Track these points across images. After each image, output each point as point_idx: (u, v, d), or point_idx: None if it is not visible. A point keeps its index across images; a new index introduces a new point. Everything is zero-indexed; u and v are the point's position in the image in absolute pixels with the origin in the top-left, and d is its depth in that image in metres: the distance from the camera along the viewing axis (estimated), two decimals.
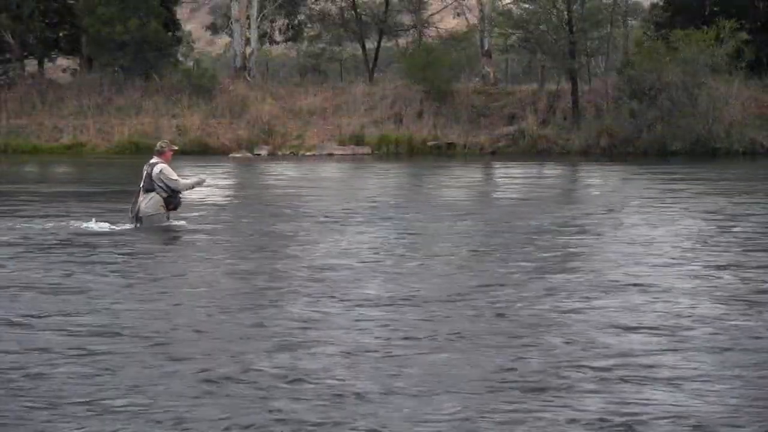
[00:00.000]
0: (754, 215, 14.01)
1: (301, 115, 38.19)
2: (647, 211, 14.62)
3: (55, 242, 11.18)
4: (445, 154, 35.12)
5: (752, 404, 5.17)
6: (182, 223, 12.77)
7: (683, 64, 33.45)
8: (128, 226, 12.42)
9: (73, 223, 12.84)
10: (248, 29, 42.34)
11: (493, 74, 41.46)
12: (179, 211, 12.85)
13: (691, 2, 38.64)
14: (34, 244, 11.05)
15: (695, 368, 5.82)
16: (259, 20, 43.06)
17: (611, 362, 5.92)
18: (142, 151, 31.80)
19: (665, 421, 4.89)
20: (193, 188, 12.94)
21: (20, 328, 6.84)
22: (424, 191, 20.24)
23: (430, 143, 35.96)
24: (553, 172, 26.68)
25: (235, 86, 40.08)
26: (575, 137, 35.15)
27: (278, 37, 48.30)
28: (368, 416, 4.94)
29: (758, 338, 6.55)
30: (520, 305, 7.59)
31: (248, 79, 41.22)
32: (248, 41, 42.40)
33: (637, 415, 4.96)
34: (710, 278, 8.79)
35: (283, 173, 25.86)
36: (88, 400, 5.21)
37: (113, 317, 7.19)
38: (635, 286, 8.37)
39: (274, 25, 47.62)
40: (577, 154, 33.93)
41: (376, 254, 10.30)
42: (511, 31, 39.27)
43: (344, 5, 46.06)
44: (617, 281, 8.62)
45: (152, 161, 12.59)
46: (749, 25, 35.24)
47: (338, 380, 5.52)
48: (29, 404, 5.14)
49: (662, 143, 33.34)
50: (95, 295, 8.03)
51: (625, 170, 25.60)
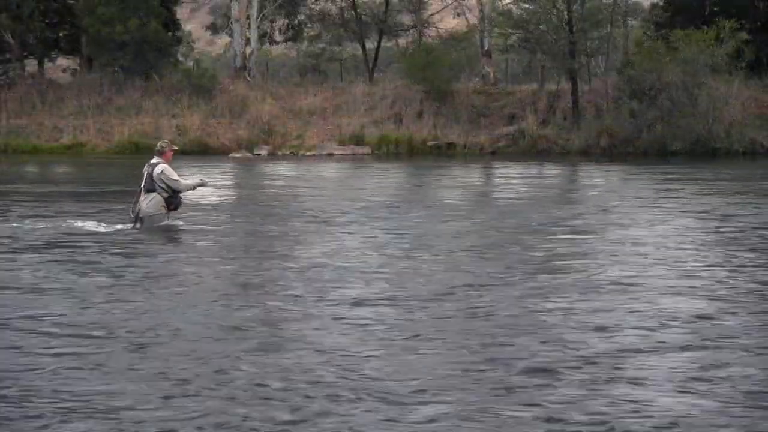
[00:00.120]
0: (745, 215, 13.95)
1: (301, 115, 38.19)
2: (640, 211, 14.57)
3: (44, 242, 11.14)
4: (445, 154, 35.10)
5: (737, 404, 5.12)
6: (179, 222, 12.77)
7: (683, 64, 33.44)
8: (121, 226, 12.42)
9: (67, 223, 12.82)
10: (248, 29, 42.35)
11: (493, 74, 41.47)
12: (179, 211, 12.86)
13: (691, 2, 38.64)
14: (24, 243, 11.02)
15: (678, 368, 5.77)
16: (259, 20, 43.07)
17: (591, 362, 5.87)
18: (142, 151, 31.81)
19: (648, 420, 4.84)
20: (194, 189, 12.94)
21: None
22: (421, 191, 20.21)
23: (430, 143, 35.96)
24: (552, 172, 26.63)
25: (235, 86, 40.09)
26: (575, 137, 35.14)
27: (278, 37, 48.33)
28: (342, 417, 4.91)
29: (745, 337, 6.50)
30: (502, 305, 7.54)
31: (248, 79, 41.23)
32: (248, 41, 42.41)
33: (618, 416, 4.92)
34: (695, 278, 8.74)
35: (282, 173, 25.84)
36: (60, 399, 5.19)
37: (93, 317, 7.16)
38: (619, 285, 8.33)
39: (274, 25, 47.64)
40: (577, 154, 33.89)
41: (365, 254, 10.27)
42: (511, 31, 39.26)
43: (344, 5, 46.07)
44: (602, 281, 8.57)
45: (153, 161, 12.59)
46: (749, 25, 35.22)
47: (312, 381, 5.50)
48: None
49: (662, 143, 33.33)
50: (76, 294, 8.00)
51: (624, 170, 25.56)
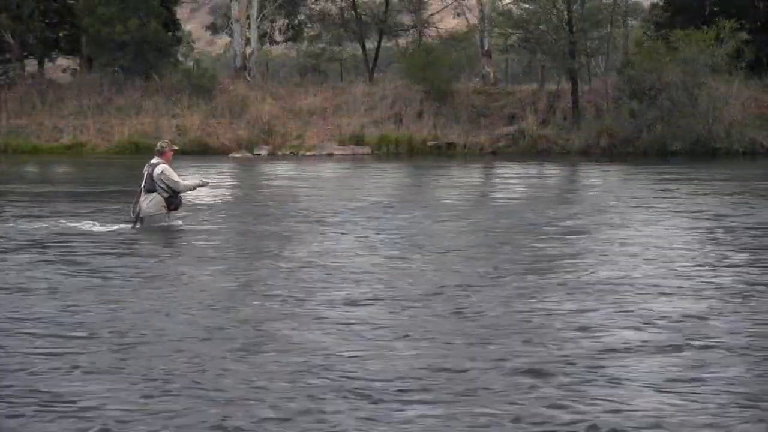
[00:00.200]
0: (738, 215, 13.91)
1: (301, 115, 38.20)
2: (635, 211, 14.53)
3: (35, 242, 11.12)
4: (445, 154, 35.10)
5: (721, 404, 5.06)
6: (179, 223, 12.76)
7: (683, 64, 33.44)
8: (116, 226, 12.43)
9: (60, 222, 12.82)
10: (248, 29, 42.35)
11: (493, 74, 41.47)
12: (178, 211, 12.85)
13: (691, 2, 38.64)
14: (15, 243, 11.00)
15: (662, 368, 5.69)
16: (259, 20, 43.08)
17: (574, 363, 5.83)
18: (142, 151, 31.82)
19: (631, 420, 4.80)
20: (194, 189, 12.95)
21: None
22: (418, 191, 20.19)
23: (430, 143, 35.97)
24: (551, 172, 26.62)
25: (235, 86, 40.10)
26: (575, 137, 35.14)
27: (278, 37, 48.35)
28: (324, 416, 4.88)
29: (729, 337, 6.44)
30: (488, 305, 7.49)
31: (248, 79, 41.23)
32: (248, 41, 42.42)
33: (601, 416, 4.88)
34: (683, 278, 8.67)
35: (281, 173, 25.82)
36: (40, 399, 5.17)
37: (77, 317, 7.13)
38: (607, 285, 8.30)
39: (274, 25, 47.65)
40: (577, 154, 33.89)
41: (356, 254, 10.23)
42: (511, 31, 39.27)
43: (344, 5, 46.08)
44: (589, 281, 8.52)
45: (153, 161, 12.59)
46: (749, 25, 35.22)
47: (295, 380, 5.46)
48: None
49: (662, 143, 33.33)
50: (63, 294, 7.97)
51: (623, 170, 25.54)
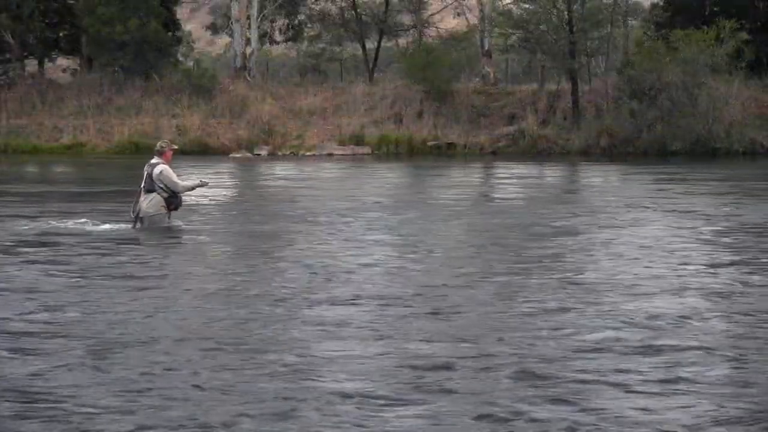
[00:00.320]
0: (731, 216, 13.89)
1: (301, 115, 38.20)
2: (627, 212, 14.51)
3: (23, 242, 11.07)
4: (445, 154, 35.12)
5: (699, 405, 5.02)
6: (179, 222, 12.76)
7: (683, 64, 33.46)
8: (115, 226, 12.43)
9: (53, 222, 12.83)
10: (248, 29, 42.36)
11: (493, 74, 41.48)
12: (178, 211, 12.84)
13: (691, 2, 38.65)
14: (10, 242, 10.97)
15: (639, 369, 5.65)
16: (259, 20, 43.08)
17: (551, 362, 5.77)
18: (142, 151, 31.81)
19: (612, 420, 4.76)
20: (192, 190, 12.94)
21: None
22: (416, 192, 20.20)
23: (430, 143, 35.98)
24: (550, 172, 26.64)
25: (235, 86, 40.11)
26: (575, 137, 35.15)
27: (278, 37, 48.35)
28: (300, 419, 4.83)
29: (710, 338, 6.38)
30: (469, 306, 7.44)
31: (248, 79, 41.24)
32: (248, 41, 42.42)
33: (577, 418, 4.83)
34: (666, 278, 8.58)
35: (281, 174, 25.84)
36: (15, 400, 5.13)
37: (54, 316, 7.08)
38: (591, 285, 8.26)
39: (274, 25, 47.65)
40: (577, 154, 33.92)
41: (346, 255, 10.17)
42: (511, 31, 39.28)
43: (344, 5, 46.09)
44: (573, 281, 8.45)
45: (153, 161, 12.58)
46: (749, 25, 35.24)
47: (273, 381, 5.41)
48: None
49: (662, 143, 33.35)
50: (43, 294, 7.91)
51: (622, 171, 25.57)
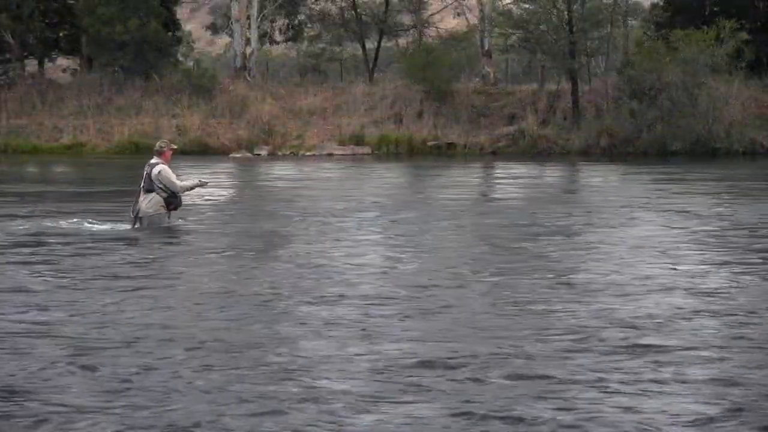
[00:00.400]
0: (727, 215, 13.88)
1: (301, 115, 38.20)
2: (623, 212, 14.50)
3: (15, 242, 11.05)
4: (445, 154, 35.12)
5: (687, 404, 4.99)
6: (179, 222, 12.76)
7: (683, 64, 33.46)
8: (103, 226, 12.44)
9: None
10: (248, 29, 42.36)
11: (493, 74, 41.48)
12: (177, 211, 12.84)
13: (691, 2, 38.66)
14: (7, 243, 10.97)
15: (627, 369, 5.61)
16: (259, 20, 43.08)
17: (538, 362, 5.76)
18: (142, 151, 31.78)
19: (597, 420, 4.74)
20: (191, 190, 12.94)
21: None
22: (416, 192, 20.17)
23: (430, 143, 35.97)
24: (549, 172, 26.63)
25: (235, 86, 40.11)
26: (575, 137, 35.15)
27: (278, 37, 48.35)
28: (283, 418, 4.80)
29: (698, 339, 6.35)
30: (456, 305, 7.43)
31: (248, 79, 41.24)
32: (248, 41, 42.42)
33: (563, 418, 4.80)
34: (658, 278, 8.52)
35: (281, 173, 25.82)
36: None
37: (41, 316, 7.07)
38: (580, 285, 8.23)
39: (274, 25, 47.65)
40: (577, 154, 33.90)
41: (339, 255, 10.15)
42: (511, 31, 39.27)
43: (344, 5, 46.10)
44: (562, 282, 8.44)
45: (152, 161, 12.58)
46: (749, 25, 35.25)
47: (255, 382, 5.38)
48: None
49: (662, 143, 33.35)
50: (32, 294, 7.89)
51: (621, 171, 25.54)
